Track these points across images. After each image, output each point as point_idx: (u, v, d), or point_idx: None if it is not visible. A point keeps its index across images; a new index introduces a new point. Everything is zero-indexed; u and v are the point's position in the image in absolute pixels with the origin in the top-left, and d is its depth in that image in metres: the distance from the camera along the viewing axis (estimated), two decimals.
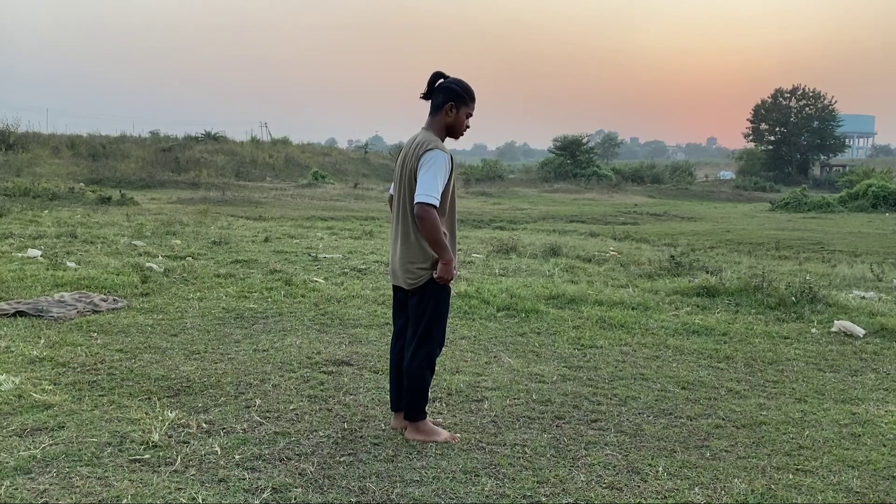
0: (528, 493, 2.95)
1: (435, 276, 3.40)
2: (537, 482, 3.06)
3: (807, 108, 62.49)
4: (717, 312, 6.85)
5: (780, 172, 58.74)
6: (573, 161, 48.21)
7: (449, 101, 3.45)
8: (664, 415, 4.02)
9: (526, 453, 3.37)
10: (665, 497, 2.96)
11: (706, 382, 4.67)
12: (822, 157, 63.93)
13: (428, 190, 3.29)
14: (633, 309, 6.80)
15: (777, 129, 62.57)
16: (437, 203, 3.31)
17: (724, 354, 5.38)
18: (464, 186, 39.34)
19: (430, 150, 3.35)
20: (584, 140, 50.81)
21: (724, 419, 3.97)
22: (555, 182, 43.34)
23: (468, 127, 3.56)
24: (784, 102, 63.02)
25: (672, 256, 9.99)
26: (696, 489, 3.04)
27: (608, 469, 3.23)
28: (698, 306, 7.12)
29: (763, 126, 63.33)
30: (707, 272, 9.02)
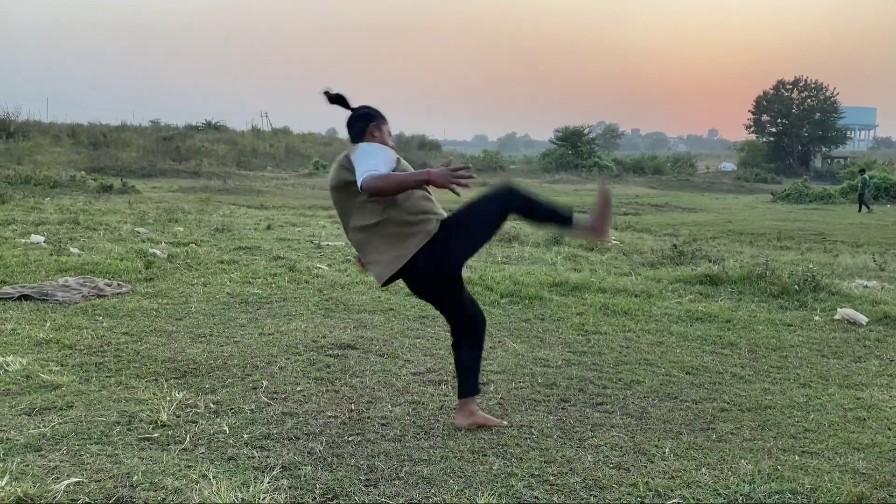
0: (536, 473, 2.96)
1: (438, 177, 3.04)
2: (545, 462, 3.07)
3: (808, 100, 62.40)
4: (721, 300, 6.86)
5: (782, 164, 58.73)
6: (575, 152, 48.20)
7: (369, 122, 3.37)
8: (669, 398, 4.03)
9: (533, 434, 3.39)
10: (672, 477, 2.97)
11: (710, 368, 4.68)
12: (824, 149, 63.93)
13: (364, 169, 3.06)
14: (636, 296, 6.81)
15: (779, 120, 62.51)
16: (376, 171, 3.05)
17: (728, 341, 5.39)
18: None
19: (354, 151, 3.20)
20: (586, 131, 50.76)
21: (729, 403, 3.98)
22: (556, 173, 43.31)
23: (393, 145, 3.43)
24: (786, 94, 62.92)
25: (674, 245, 9.99)
26: (703, 469, 3.05)
27: (615, 450, 3.24)
28: (701, 294, 7.12)
29: (765, 118, 63.28)
30: (709, 261, 9.02)
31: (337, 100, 3.42)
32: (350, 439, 3.24)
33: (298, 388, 3.89)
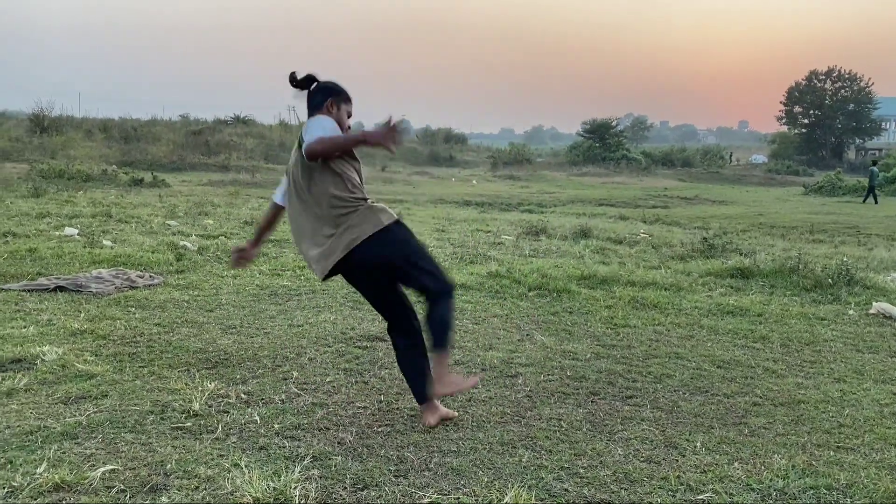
0: (566, 465, 2.95)
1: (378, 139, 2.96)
2: (574, 454, 3.06)
3: (842, 91, 61.22)
4: (752, 294, 6.77)
5: (814, 156, 57.76)
6: (602, 144, 47.81)
7: (328, 97, 3.30)
8: (700, 392, 3.99)
9: (562, 427, 3.37)
10: (704, 471, 2.94)
11: (742, 362, 4.62)
12: (858, 141, 62.71)
13: (310, 138, 3.05)
14: (665, 290, 6.75)
15: (811, 112, 61.45)
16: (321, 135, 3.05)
17: (760, 335, 5.32)
18: (491, 170, 39.21)
19: (308, 120, 3.18)
20: (614, 123, 50.28)
21: (761, 397, 3.93)
22: (583, 166, 42.99)
23: (349, 127, 3.38)
24: (819, 85, 61.81)
25: (704, 238, 9.87)
26: (736, 464, 3.02)
27: (645, 443, 3.22)
28: (732, 287, 7.04)
29: (797, 109, 62.25)
30: (740, 254, 8.91)
31: (305, 82, 3.33)
32: (380, 430, 3.25)
33: (328, 379, 3.92)
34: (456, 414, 3.47)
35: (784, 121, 63.20)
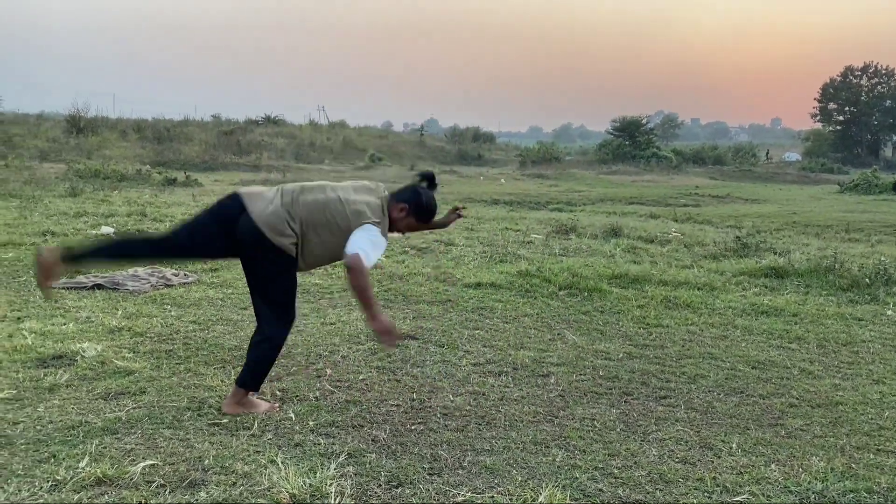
0: (600, 465, 2.94)
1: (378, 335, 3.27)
2: (608, 455, 3.05)
3: (879, 87, 60.05)
4: (787, 293, 6.68)
5: (849, 154, 56.68)
6: (632, 143, 47.37)
7: (410, 202, 3.53)
8: (735, 393, 3.95)
9: (595, 427, 3.36)
10: (741, 473, 2.91)
11: (777, 362, 4.56)
12: (895, 138, 61.38)
13: (361, 246, 3.19)
14: (698, 289, 6.68)
15: (847, 108, 60.34)
16: (369, 265, 3.20)
17: (796, 335, 5.25)
18: (519, 168, 39.08)
19: (371, 221, 3.31)
20: (644, 121, 49.80)
21: (798, 399, 3.88)
22: (613, 164, 42.65)
23: (400, 231, 3.62)
24: (854, 81, 60.68)
25: (737, 237, 9.75)
26: (773, 466, 2.98)
27: (680, 444, 3.20)
28: (766, 287, 6.95)
29: (831, 106, 61.17)
30: (774, 253, 8.78)
31: (429, 178, 3.67)
32: (413, 428, 3.27)
33: (361, 377, 3.95)
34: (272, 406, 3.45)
35: (818, 118, 62.15)
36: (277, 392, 3.65)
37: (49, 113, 42.30)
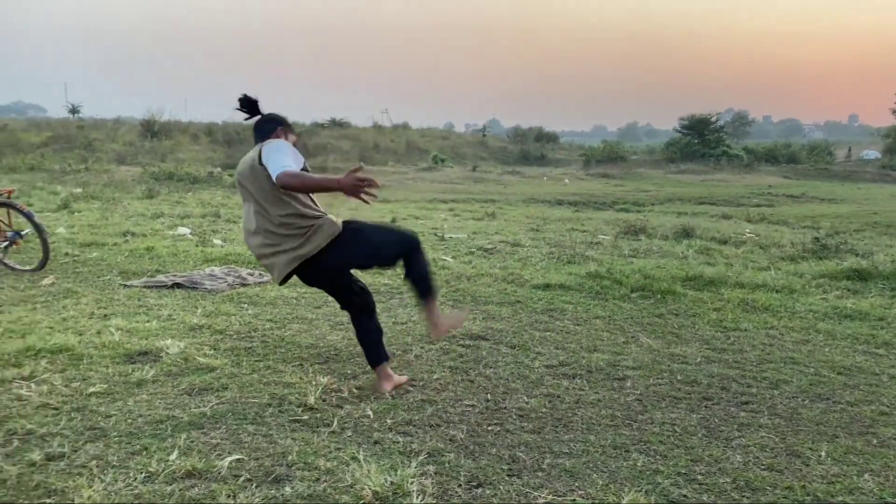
0: (683, 471, 2.88)
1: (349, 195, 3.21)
2: (691, 460, 2.98)
3: None
4: (871, 297, 6.40)
5: None
6: (701, 141, 46.30)
7: (278, 125, 3.66)
8: (821, 399, 3.81)
9: (676, 432, 3.29)
10: (831, 482, 2.81)
11: (864, 368, 4.38)
12: None
13: (278, 165, 3.25)
14: (777, 292, 6.48)
15: None
16: (291, 169, 3.24)
17: (883, 340, 5.03)
18: (584, 168, 38.67)
19: (266, 143, 3.43)
20: (713, 119, 48.59)
21: (889, 406, 3.71)
22: (681, 163, 41.76)
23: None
24: None
25: (816, 238, 9.42)
26: (866, 476, 2.87)
27: (765, 451, 3.10)
28: (849, 290, 6.68)
29: None
30: (856, 255, 8.45)
31: (248, 104, 3.70)
32: (490, 429, 3.27)
33: (435, 377, 3.96)
34: (406, 378, 3.83)
35: None
36: (354, 390, 3.70)
37: (125, 117, 44.02)
